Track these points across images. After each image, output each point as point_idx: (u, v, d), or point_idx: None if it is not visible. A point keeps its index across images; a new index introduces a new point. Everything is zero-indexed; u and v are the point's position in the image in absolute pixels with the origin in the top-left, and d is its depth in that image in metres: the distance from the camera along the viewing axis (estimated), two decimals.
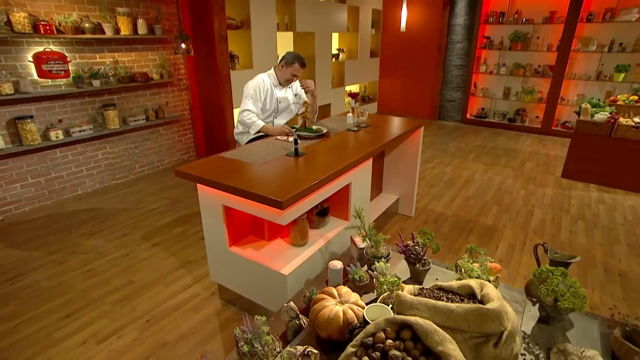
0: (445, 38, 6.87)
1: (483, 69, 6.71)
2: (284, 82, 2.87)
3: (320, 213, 2.25)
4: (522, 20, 6.04)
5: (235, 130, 2.96)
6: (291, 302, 1.49)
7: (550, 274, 1.36)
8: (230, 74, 4.40)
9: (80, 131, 3.73)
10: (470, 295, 1.17)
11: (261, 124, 2.70)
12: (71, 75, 3.59)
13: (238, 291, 2.13)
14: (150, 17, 4.10)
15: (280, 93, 2.92)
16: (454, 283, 1.23)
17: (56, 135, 3.56)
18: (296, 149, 2.18)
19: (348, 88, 7.03)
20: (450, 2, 6.63)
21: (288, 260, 1.95)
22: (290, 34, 5.43)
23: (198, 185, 1.98)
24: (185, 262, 2.77)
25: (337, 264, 1.74)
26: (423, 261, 1.65)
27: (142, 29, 3.93)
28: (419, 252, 1.64)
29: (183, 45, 3.96)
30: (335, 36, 6.56)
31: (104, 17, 3.67)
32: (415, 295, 1.24)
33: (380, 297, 1.35)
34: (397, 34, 7.31)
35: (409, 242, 1.67)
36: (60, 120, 3.66)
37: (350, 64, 6.64)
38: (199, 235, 3.13)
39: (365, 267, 1.68)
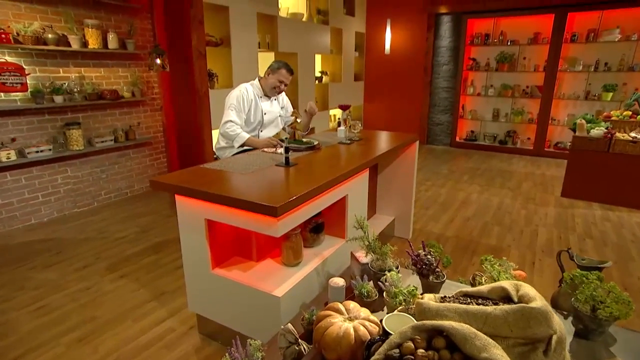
0: (430, 60, 7.12)
1: (471, 90, 6.93)
2: (270, 92, 2.84)
3: (315, 229, 2.14)
4: (507, 41, 6.35)
5: (217, 145, 2.89)
6: (289, 325, 1.35)
7: (584, 278, 1.28)
8: (209, 93, 4.35)
9: (37, 152, 3.54)
10: (504, 298, 1.07)
11: (246, 136, 2.64)
12: (29, 90, 3.45)
13: (221, 321, 1.95)
14: (122, 31, 4.06)
15: (265, 105, 2.88)
16: (482, 287, 1.13)
17: (7, 155, 3.36)
18: (287, 158, 2.10)
19: (332, 112, 7.11)
20: (435, 24, 6.93)
21: (281, 282, 1.81)
22: (271, 54, 5.50)
23: (177, 198, 1.86)
24: (158, 293, 2.57)
25: (339, 281, 1.63)
26: (437, 273, 1.55)
27: (112, 43, 3.87)
28: (432, 262, 1.55)
29: (158, 61, 3.92)
30: (318, 58, 6.69)
31: (70, 28, 3.60)
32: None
33: (385, 319, 1.23)
34: (382, 57, 7.54)
35: (420, 251, 1.57)
36: (13, 139, 3.47)
37: (334, 87, 6.75)
38: (174, 265, 2.94)
39: (371, 283, 1.57)
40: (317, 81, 6.48)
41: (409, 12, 7.12)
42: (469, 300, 1.09)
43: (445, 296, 1.19)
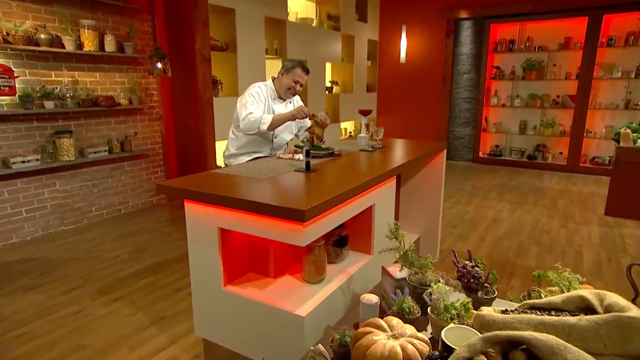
0: (450, 69, 7.17)
1: (494, 101, 6.94)
2: (285, 93, 2.84)
3: (338, 242, 2.08)
4: (535, 47, 6.39)
5: (225, 152, 2.88)
6: (319, 345, 1.27)
7: None
8: (213, 101, 4.37)
9: (23, 162, 3.52)
10: (583, 310, 0.99)
11: (270, 115, 2.61)
12: (17, 94, 3.46)
13: (233, 347, 1.87)
14: (120, 33, 4.11)
15: (279, 108, 2.88)
16: (554, 297, 1.05)
17: None
18: (307, 163, 2.06)
19: (344, 125, 7.12)
20: (454, 30, 7.01)
21: (303, 300, 1.73)
22: (279, 61, 5.55)
23: (186, 204, 1.81)
24: (157, 318, 2.49)
25: (372, 298, 1.56)
26: (486, 288, 1.47)
27: (110, 46, 3.91)
28: (480, 275, 1.47)
29: (159, 65, 3.95)
30: (328, 66, 6.75)
31: (65, 29, 3.64)
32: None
33: (444, 331, 1.15)
34: (396, 66, 7.60)
35: (466, 262, 1.50)
36: None
37: (345, 98, 6.78)
38: (174, 286, 2.87)
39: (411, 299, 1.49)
40: (327, 91, 6.52)
41: (426, 17, 7.22)
42: (538, 314, 1.02)
43: (506, 309, 1.11)
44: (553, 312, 1.02)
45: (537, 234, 3.83)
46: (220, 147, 4.62)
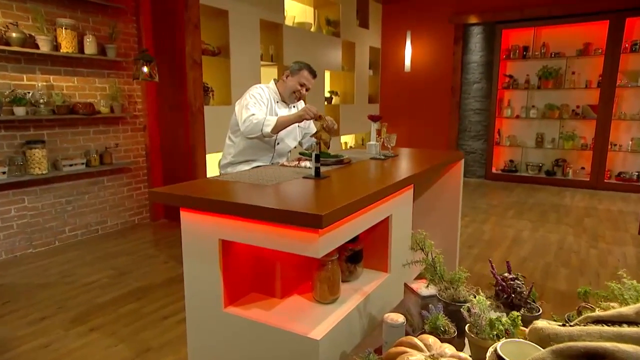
0: (459, 78, 7.24)
1: (508, 112, 6.99)
2: (289, 97, 2.83)
3: (352, 258, 2.02)
4: (551, 54, 6.48)
5: (222, 161, 2.87)
6: None
7: None
8: (204, 110, 4.35)
9: None
10: None
11: (274, 117, 2.57)
12: None
13: None
14: (102, 34, 4.11)
15: (283, 112, 2.87)
16: (626, 309, 1.00)
17: None
18: (317, 169, 2.02)
19: (344, 139, 7.12)
20: (463, 36, 7.11)
21: (316, 322, 1.66)
22: (275, 69, 5.58)
23: (183, 215, 1.76)
24: (142, 350, 2.39)
25: (398, 317, 1.49)
26: (530, 305, 1.41)
27: (90, 47, 3.90)
28: (522, 289, 1.41)
29: (145, 69, 3.94)
30: (327, 75, 6.79)
31: (40, 28, 3.62)
32: None
33: (500, 345, 1.08)
34: (400, 75, 7.66)
35: (505, 274, 1.44)
36: None
37: (346, 109, 6.80)
38: (160, 314, 2.77)
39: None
40: (326, 102, 6.54)
41: (432, 23, 7.33)
42: (609, 326, 0.96)
43: (566, 323, 1.05)
44: (625, 325, 0.96)
45: (564, 254, 3.79)
46: (211, 160, 4.57)
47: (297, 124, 2.95)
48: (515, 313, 1.16)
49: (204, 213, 1.69)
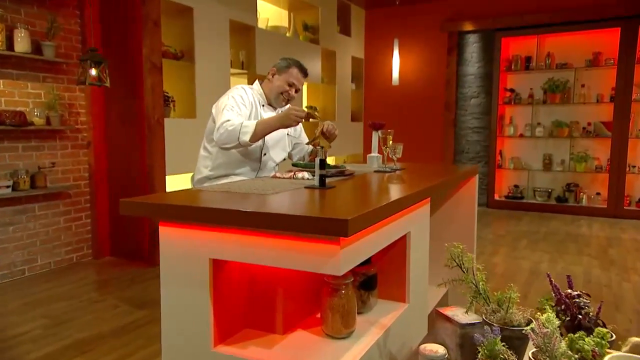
0: (454, 93, 7.42)
1: (510, 131, 7.17)
2: (275, 100, 2.82)
3: (365, 284, 1.96)
4: (557, 65, 6.74)
5: (196, 175, 2.84)
6: None
7: None
8: (164, 122, 4.28)
9: None
10: None
11: (252, 122, 2.52)
12: None
13: None
14: (37, 30, 4.04)
15: (268, 115, 2.83)
16: None
17: None
18: (322, 177, 1.97)
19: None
20: (457, 45, 7.33)
21: None
22: (244, 78, 5.58)
23: (162, 230, 1.67)
24: None
25: (437, 349, 1.44)
26: (598, 326, 1.37)
27: (21, 45, 3.82)
28: (589, 309, 1.37)
29: (93, 72, 3.86)
30: (304, 88, 6.83)
31: None
32: None
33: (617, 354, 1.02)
34: (387, 90, 7.78)
35: (567, 290, 1.40)
36: None
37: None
38: None
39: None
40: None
41: (422, 31, 7.55)
42: None
43: None
44: None
45: (593, 288, 3.83)
46: (173, 183, 4.46)
47: (286, 133, 2.92)
48: (603, 330, 1.12)
49: (191, 227, 1.60)
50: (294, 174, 2.32)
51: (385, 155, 2.80)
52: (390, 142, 2.73)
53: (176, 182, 4.60)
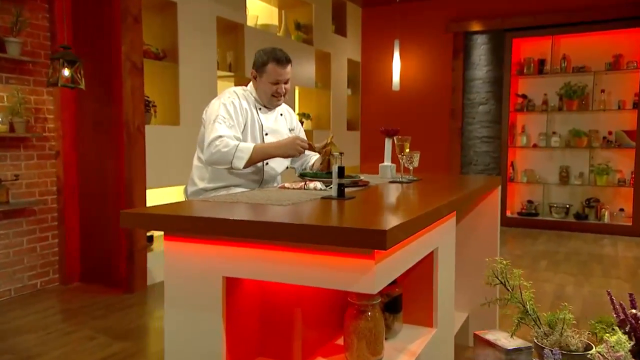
0: (460, 99, 7.50)
1: (523, 141, 7.25)
2: (269, 102, 2.86)
3: (390, 306, 1.97)
4: (573, 68, 6.85)
5: (189, 188, 2.84)
6: None
7: None
8: (144, 130, 4.28)
9: None
10: None
11: (249, 145, 2.57)
12: None
13: None
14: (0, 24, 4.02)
15: (267, 119, 2.89)
16: None
17: None
18: (341, 186, 1.97)
19: None
20: (464, 47, 7.43)
21: None
22: (231, 82, 5.60)
23: (167, 246, 1.66)
24: None
25: None
26: None
27: None
28: None
29: (66, 72, 3.82)
30: (296, 92, 6.87)
31: None
32: None
33: None
34: (386, 96, 7.82)
35: (632, 310, 1.41)
36: None
37: (321, 137, 6.84)
38: None
39: None
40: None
41: (425, 31, 7.65)
42: None
43: None
44: None
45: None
46: (154, 198, 4.44)
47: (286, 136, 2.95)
48: None
49: (202, 241, 1.59)
50: (305, 184, 2.32)
51: (402, 165, 2.80)
52: (407, 149, 2.74)
53: (157, 197, 4.57)
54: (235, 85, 5.55)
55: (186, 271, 1.63)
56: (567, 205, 7.08)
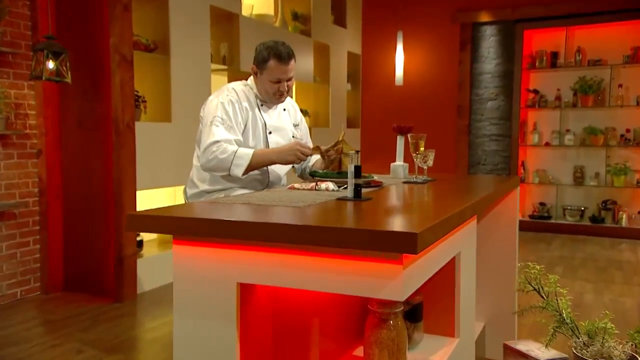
0: (467, 94, 7.52)
1: (534, 139, 7.29)
2: (271, 100, 2.88)
3: (411, 315, 1.99)
4: (589, 61, 6.88)
5: (189, 190, 2.85)
6: None
7: None
8: (135, 127, 4.29)
9: None
10: None
11: (249, 151, 2.60)
12: None
13: None
14: None
15: (269, 117, 2.90)
16: None
17: None
18: (358, 187, 1.98)
19: None
20: (472, 39, 7.45)
21: None
22: (224, 77, 5.60)
23: (176, 250, 1.66)
24: None
25: None
26: None
27: None
28: None
29: (51, 64, 3.82)
30: (294, 87, 6.86)
31: None
32: None
33: None
34: (389, 91, 7.86)
35: None
36: None
37: (320, 134, 6.84)
38: None
39: None
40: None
41: (430, 21, 7.67)
42: None
43: None
44: None
45: None
46: (145, 200, 4.43)
47: (291, 135, 2.95)
48: None
49: (215, 245, 1.59)
50: (316, 184, 2.32)
51: (416, 164, 2.81)
52: (422, 148, 2.75)
53: (147, 199, 4.56)
54: (229, 80, 5.56)
55: (197, 277, 1.63)
56: (582, 208, 7.11)
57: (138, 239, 4.56)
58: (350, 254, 1.44)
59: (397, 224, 1.51)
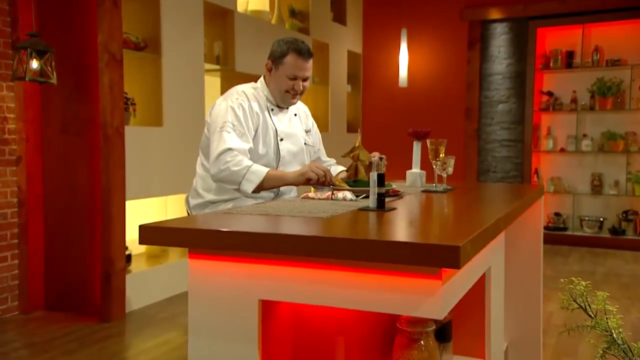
0: (476, 96, 7.55)
1: (549, 144, 7.33)
2: (283, 100, 2.89)
3: (440, 335, 1.98)
4: (607, 61, 6.93)
5: (192, 200, 2.85)
6: None
7: None
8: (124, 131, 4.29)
9: None
10: None
11: (263, 169, 2.60)
12: None
13: None
14: None
15: (280, 122, 2.91)
16: None
17: None
18: (381, 197, 1.99)
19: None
20: (481, 38, 7.49)
21: None
22: (217, 77, 5.62)
23: (192, 265, 1.66)
24: None
25: None
26: None
27: None
28: None
29: (35, 64, 3.81)
30: None
31: None
32: None
33: None
34: (392, 93, 7.88)
35: None
36: None
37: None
38: None
39: None
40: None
41: (436, 19, 7.71)
42: None
43: None
44: None
45: None
46: (135, 211, 4.41)
47: (303, 142, 2.95)
48: None
49: (235, 259, 1.59)
50: (333, 194, 2.33)
51: (435, 172, 2.83)
52: (442, 154, 2.77)
53: (138, 210, 4.55)
54: (223, 81, 5.58)
55: (215, 294, 1.63)
56: (601, 219, 7.13)
57: (127, 253, 4.54)
58: (382, 269, 1.43)
59: (434, 236, 1.51)
